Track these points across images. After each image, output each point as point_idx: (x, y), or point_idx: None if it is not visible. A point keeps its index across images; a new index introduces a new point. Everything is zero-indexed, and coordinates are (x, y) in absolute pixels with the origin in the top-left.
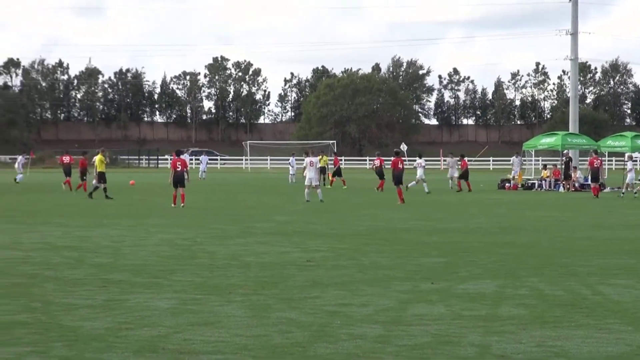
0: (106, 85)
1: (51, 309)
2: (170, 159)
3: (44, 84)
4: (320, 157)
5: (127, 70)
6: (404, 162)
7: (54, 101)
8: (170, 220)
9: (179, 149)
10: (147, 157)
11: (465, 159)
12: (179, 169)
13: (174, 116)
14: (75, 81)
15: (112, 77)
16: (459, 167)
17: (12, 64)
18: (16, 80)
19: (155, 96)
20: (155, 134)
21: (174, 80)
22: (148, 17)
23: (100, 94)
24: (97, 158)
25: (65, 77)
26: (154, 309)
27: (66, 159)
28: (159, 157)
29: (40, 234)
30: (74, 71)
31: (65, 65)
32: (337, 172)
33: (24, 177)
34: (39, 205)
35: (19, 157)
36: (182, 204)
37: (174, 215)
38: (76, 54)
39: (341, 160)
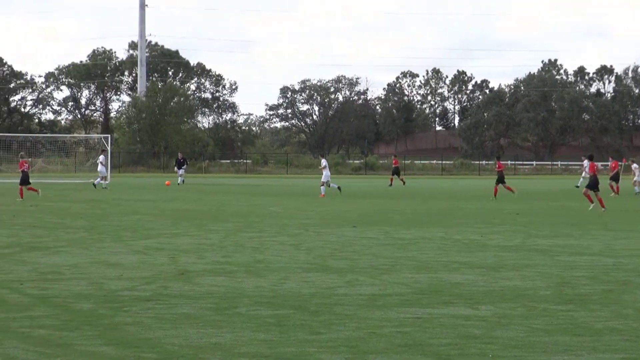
0: None
1: None
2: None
3: (637, 91)
4: None
5: None
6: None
7: None
8: None
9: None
10: None
11: None
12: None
13: None
14: None
15: None
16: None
17: (605, 71)
18: (609, 87)
19: None
20: None
21: None
22: None
23: None
24: None
25: None
26: None
27: None
28: None
29: (633, 240)
30: None
31: None
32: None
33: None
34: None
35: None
36: (602, 209)
37: None
38: None
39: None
